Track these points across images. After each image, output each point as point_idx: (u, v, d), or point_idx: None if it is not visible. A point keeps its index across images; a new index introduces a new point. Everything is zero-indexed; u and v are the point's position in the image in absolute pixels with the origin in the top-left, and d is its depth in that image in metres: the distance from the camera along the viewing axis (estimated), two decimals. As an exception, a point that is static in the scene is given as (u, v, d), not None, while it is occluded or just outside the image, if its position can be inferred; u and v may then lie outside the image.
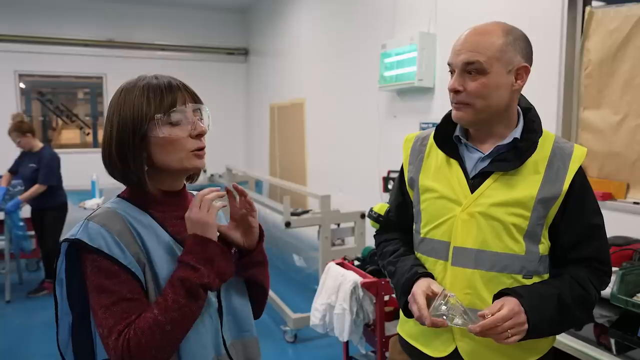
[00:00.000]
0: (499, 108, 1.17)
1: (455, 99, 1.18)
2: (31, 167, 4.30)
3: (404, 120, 3.59)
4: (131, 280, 0.93)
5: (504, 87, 1.15)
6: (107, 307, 0.91)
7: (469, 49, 1.13)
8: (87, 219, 0.96)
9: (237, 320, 1.10)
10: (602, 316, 1.73)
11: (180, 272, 0.94)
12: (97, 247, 0.91)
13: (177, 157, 0.99)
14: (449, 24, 3.08)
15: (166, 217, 1.03)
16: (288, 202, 3.50)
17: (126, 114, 0.97)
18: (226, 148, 6.51)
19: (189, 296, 0.93)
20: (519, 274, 1.18)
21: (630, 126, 2.14)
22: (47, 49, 6.10)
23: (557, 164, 1.18)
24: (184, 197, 1.09)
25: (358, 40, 4.12)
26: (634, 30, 2.10)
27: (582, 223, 1.19)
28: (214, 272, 0.96)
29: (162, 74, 1.04)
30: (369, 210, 1.58)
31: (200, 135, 1.02)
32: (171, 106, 0.99)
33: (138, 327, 0.90)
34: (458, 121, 1.21)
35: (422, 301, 1.14)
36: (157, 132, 0.97)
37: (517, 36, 1.16)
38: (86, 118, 6.73)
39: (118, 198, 1.04)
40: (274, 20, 5.96)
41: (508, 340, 1.08)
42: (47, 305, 4.32)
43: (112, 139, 0.99)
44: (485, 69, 1.12)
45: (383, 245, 1.43)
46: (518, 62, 1.15)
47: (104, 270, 0.92)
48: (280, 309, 3.70)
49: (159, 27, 6.64)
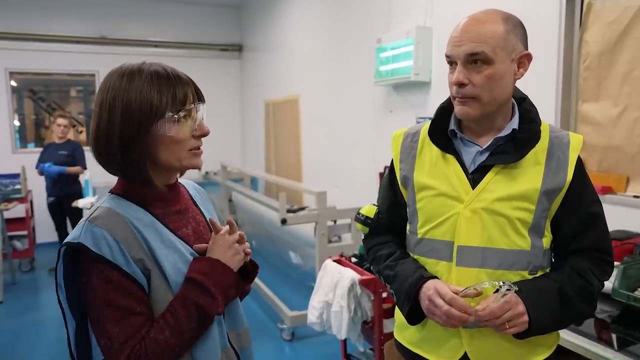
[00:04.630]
0: (503, 99, 1.13)
1: (460, 93, 1.11)
2: (62, 154, 4.79)
3: (400, 115, 3.56)
4: (137, 291, 0.90)
5: (509, 76, 1.11)
6: (117, 321, 0.89)
7: (472, 39, 1.07)
8: (89, 221, 0.91)
9: (231, 313, 1.10)
10: (604, 311, 1.71)
11: (197, 297, 0.93)
12: (101, 254, 0.87)
13: (177, 156, 0.97)
14: (445, 17, 3.05)
15: (164, 214, 1.00)
16: (284, 199, 3.48)
17: (131, 103, 0.91)
18: (221, 145, 6.47)
19: (201, 323, 0.94)
20: (526, 270, 1.14)
21: (630, 119, 2.12)
22: (39, 47, 6.03)
23: (557, 154, 1.14)
24: (178, 191, 1.07)
25: (353, 34, 4.08)
26: (633, 21, 2.07)
27: (582, 212, 1.16)
28: (225, 300, 0.98)
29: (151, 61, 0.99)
30: (356, 213, 1.53)
31: (202, 136, 1.00)
32: (182, 103, 0.95)
33: (150, 347, 0.89)
34: (463, 117, 1.15)
35: (449, 292, 1.07)
36: (164, 130, 0.93)
37: (516, 22, 1.12)
38: (79, 116, 6.67)
39: (113, 195, 0.99)
40: (268, 16, 5.91)
41: (507, 331, 1.06)
42: (40, 305, 4.28)
43: (113, 128, 0.91)
44: (491, 58, 1.07)
45: (375, 249, 1.35)
46: (520, 50, 1.11)
47: (110, 281, 0.88)
48: (277, 307, 3.67)
49: (152, 23, 6.58)
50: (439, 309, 1.09)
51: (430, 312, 1.12)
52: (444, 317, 1.08)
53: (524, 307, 1.06)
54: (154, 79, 0.93)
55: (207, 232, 1.08)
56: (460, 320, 1.07)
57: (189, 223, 1.05)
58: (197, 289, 0.94)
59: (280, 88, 5.67)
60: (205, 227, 1.09)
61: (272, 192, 5.82)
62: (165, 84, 0.93)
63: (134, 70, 0.94)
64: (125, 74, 0.93)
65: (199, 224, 1.08)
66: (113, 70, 0.96)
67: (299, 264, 4.25)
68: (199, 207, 1.12)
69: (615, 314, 1.70)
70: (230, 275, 0.99)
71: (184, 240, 1.00)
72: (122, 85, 0.92)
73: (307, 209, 3.74)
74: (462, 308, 1.06)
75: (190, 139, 0.97)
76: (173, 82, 0.94)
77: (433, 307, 1.10)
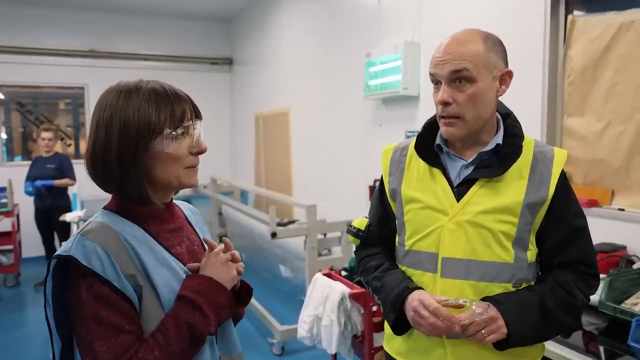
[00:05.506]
0: (487, 116, 1.16)
1: (445, 112, 1.15)
2: (50, 167, 4.75)
3: (389, 129, 3.58)
4: (127, 308, 0.89)
5: (491, 93, 1.14)
6: (105, 339, 0.86)
7: (454, 58, 1.11)
8: (80, 235, 0.90)
9: (225, 337, 1.08)
10: (591, 324, 1.73)
11: (189, 316, 0.91)
12: (91, 268, 0.86)
13: (174, 173, 0.96)
14: (433, 32, 3.10)
15: (159, 231, 0.99)
16: (274, 213, 3.47)
17: (129, 120, 0.91)
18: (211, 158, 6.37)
19: (193, 343, 0.92)
20: (509, 283, 1.16)
21: (614, 133, 2.16)
22: (28, 59, 6.00)
23: (540, 169, 1.17)
24: (173, 210, 1.06)
25: (342, 49, 4.12)
26: (615, 38, 2.12)
27: (566, 226, 1.18)
28: (218, 320, 0.96)
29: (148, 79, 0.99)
30: (348, 225, 1.55)
31: (200, 153, 0.99)
32: (180, 120, 0.95)
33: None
34: (449, 137, 1.19)
35: (434, 303, 1.09)
36: (162, 147, 0.93)
37: (495, 41, 1.16)
38: (67, 129, 6.63)
39: (107, 211, 0.98)
40: (258, 29, 5.95)
41: (486, 340, 1.08)
42: (26, 322, 4.21)
43: (110, 146, 0.91)
44: (474, 77, 1.11)
45: (366, 260, 1.38)
46: (501, 67, 1.15)
47: (100, 297, 0.87)
48: (267, 321, 3.65)
49: (142, 37, 6.59)
50: (424, 320, 1.10)
51: (416, 322, 1.14)
52: (429, 328, 1.10)
53: (500, 315, 1.09)
54: (151, 96, 0.93)
55: (200, 252, 1.07)
56: (445, 330, 1.09)
57: (183, 242, 1.04)
58: (189, 307, 0.92)
59: (270, 101, 5.69)
60: (199, 247, 1.09)
61: (262, 205, 5.81)
62: (164, 101, 0.94)
63: (132, 88, 0.94)
64: (122, 92, 0.93)
65: (193, 243, 1.07)
66: (110, 88, 0.96)
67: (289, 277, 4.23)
68: (194, 227, 1.12)
69: (602, 326, 1.72)
70: (224, 294, 0.97)
71: (177, 259, 0.99)
72: (120, 103, 0.92)
73: (297, 222, 3.73)
74: (446, 318, 1.08)
75: (187, 156, 0.97)
76: (171, 99, 0.95)
77: (418, 318, 1.12)
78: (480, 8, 2.71)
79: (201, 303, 0.92)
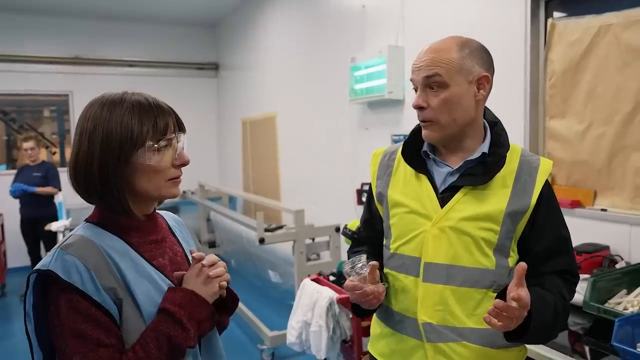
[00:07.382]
0: (465, 121, 1.18)
1: (421, 116, 1.19)
2: (36, 176, 4.70)
3: (375, 132, 3.60)
4: (107, 322, 0.88)
5: (467, 98, 1.16)
6: (85, 353, 0.86)
7: (427, 65, 1.15)
8: (60, 249, 0.90)
9: (209, 348, 1.08)
10: (576, 324, 1.75)
11: (169, 329, 0.91)
12: (71, 282, 0.86)
13: (156, 185, 0.97)
14: (417, 36, 3.12)
15: (140, 243, 0.99)
16: (262, 218, 3.46)
17: (112, 132, 0.91)
18: (198, 164, 6.36)
19: (172, 356, 0.92)
20: (490, 289, 1.17)
21: (595, 134, 2.19)
22: (11, 67, 5.92)
23: (524, 177, 1.18)
24: (156, 221, 1.06)
25: (328, 53, 4.14)
26: (594, 41, 2.15)
27: (552, 235, 1.20)
28: (198, 332, 0.96)
29: (133, 90, 0.99)
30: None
31: (182, 165, 1.00)
32: (163, 133, 0.95)
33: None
34: (427, 139, 1.22)
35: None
36: (144, 159, 0.93)
37: (474, 47, 1.17)
38: (52, 136, 6.55)
39: (88, 223, 0.98)
40: (244, 34, 5.95)
41: (510, 326, 1.02)
42: (12, 334, 4.14)
43: (92, 157, 0.92)
44: (445, 81, 1.13)
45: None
46: (478, 72, 1.16)
47: (79, 311, 0.86)
48: (257, 327, 3.63)
49: (127, 43, 6.54)
50: (353, 293, 1.17)
51: (357, 299, 1.20)
52: (355, 295, 1.17)
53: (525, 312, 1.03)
54: (135, 109, 0.93)
55: (184, 263, 1.07)
56: (359, 287, 1.15)
57: (166, 253, 1.04)
58: (170, 321, 0.92)
59: (257, 106, 5.68)
60: (182, 258, 1.08)
61: (250, 210, 5.79)
62: (147, 113, 0.94)
63: (116, 100, 0.94)
64: (106, 104, 0.94)
65: (176, 254, 1.07)
66: (94, 100, 0.96)
67: (278, 282, 4.22)
68: (177, 238, 1.12)
69: (587, 325, 1.74)
70: (205, 308, 0.96)
71: (159, 270, 0.99)
72: (103, 115, 0.93)
73: (285, 227, 3.73)
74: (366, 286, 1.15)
75: (170, 168, 0.98)
76: (154, 111, 0.95)
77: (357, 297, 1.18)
78: (462, 12, 2.74)
79: (182, 317, 0.92)
